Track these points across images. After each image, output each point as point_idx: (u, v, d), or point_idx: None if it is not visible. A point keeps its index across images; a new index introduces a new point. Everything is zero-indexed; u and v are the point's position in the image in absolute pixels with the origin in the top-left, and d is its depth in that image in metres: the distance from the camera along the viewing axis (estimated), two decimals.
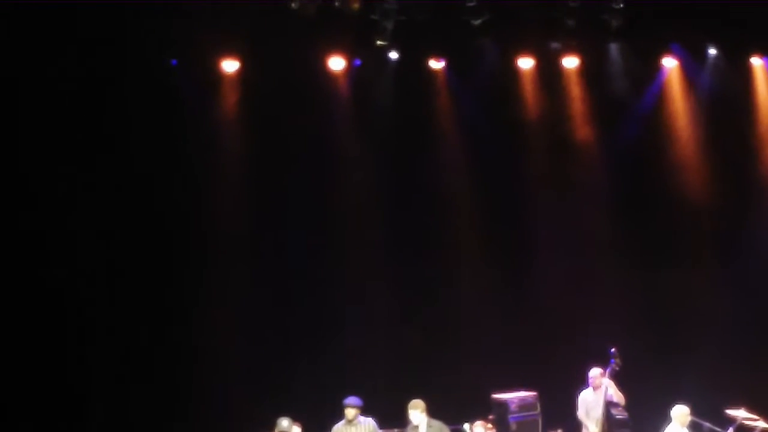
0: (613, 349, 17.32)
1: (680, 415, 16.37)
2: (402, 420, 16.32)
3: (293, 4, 17.35)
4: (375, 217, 19.22)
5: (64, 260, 17.82)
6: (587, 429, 17.68)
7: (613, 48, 19.45)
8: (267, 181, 18.82)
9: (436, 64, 19.35)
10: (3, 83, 17.30)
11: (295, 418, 15.83)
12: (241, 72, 18.56)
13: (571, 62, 19.54)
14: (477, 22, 18.24)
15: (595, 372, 17.58)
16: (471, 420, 16.68)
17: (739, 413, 16.61)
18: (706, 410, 16.80)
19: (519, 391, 17.93)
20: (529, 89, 19.67)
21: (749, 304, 19.45)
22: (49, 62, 17.33)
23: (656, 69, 19.89)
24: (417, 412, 15.94)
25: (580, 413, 17.77)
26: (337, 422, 16.07)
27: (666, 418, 16.52)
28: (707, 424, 16.68)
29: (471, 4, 18.05)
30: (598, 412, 17.36)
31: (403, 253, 19.31)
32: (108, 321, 18.12)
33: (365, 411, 16.10)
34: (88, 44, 17.47)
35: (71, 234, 17.87)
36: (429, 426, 15.96)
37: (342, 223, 19.16)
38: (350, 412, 15.95)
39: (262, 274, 18.70)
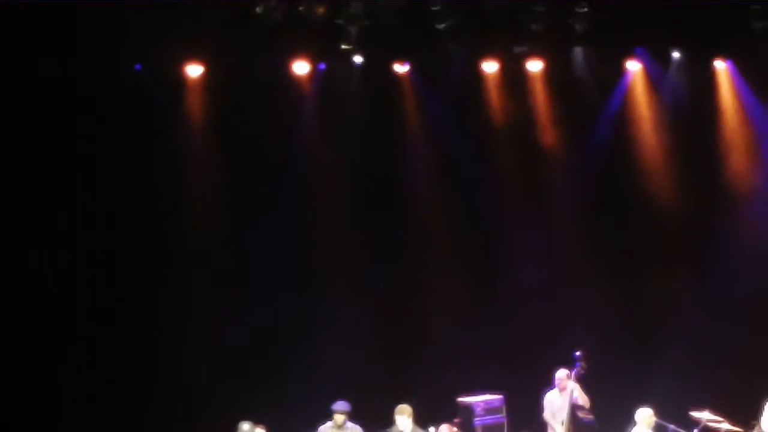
0: (578, 353, 17.38)
1: (645, 417, 16.41)
2: (375, 423, 16.32)
3: (258, 9, 17.32)
4: (344, 221, 19.20)
5: (43, 262, 17.80)
6: (553, 430, 17.73)
7: (578, 52, 19.50)
8: (238, 185, 18.77)
9: (401, 68, 19.35)
10: None
11: (267, 422, 15.84)
12: (206, 76, 18.48)
13: (535, 66, 19.58)
14: (442, 26, 18.25)
15: (561, 373, 17.63)
16: (436, 424, 16.66)
17: (704, 415, 16.69)
18: (671, 412, 16.85)
19: (485, 394, 17.98)
20: (494, 93, 19.70)
21: (714, 307, 19.52)
22: (13, 63, 17.24)
23: (620, 72, 19.96)
24: (404, 418, 16.03)
25: (546, 415, 17.81)
26: (322, 424, 16.11)
27: (631, 421, 16.57)
28: (672, 426, 16.73)
29: (436, 8, 18.06)
30: (564, 414, 17.40)
31: (374, 258, 19.29)
32: (93, 323, 18.08)
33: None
34: (51, 48, 17.37)
35: (50, 235, 17.83)
36: None
37: (313, 227, 19.14)
38: (339, 418, 15.97)
39: (233, 279, 18.66)
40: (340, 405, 16.01)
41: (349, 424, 16.00)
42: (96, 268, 18.19)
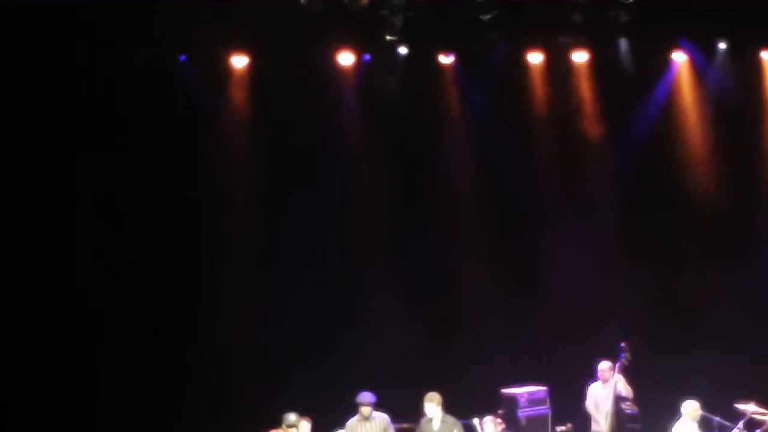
0: (623, 344, 17.37)
1: (691, 409, 16.36)
2: (412, 415, 16.34)
3: (302, 0, 17.37)
4: (384, 212, 19.22)
5: (70, 260, 17.78)
6: (596, 422, 17.71)
7: (623, 43, 19.43)
8: (276, 178, 18.80)
9: (446, 59, 19.35)
10: (8, 82, 17.29)
11: (304, 414, 15.85)
12: (251, 67, 18.54)
13: (580, 57, 19.53)
14: (486, 17, 18.24)
15: (604, 365, 17.62)
16: (480, 415, 16.65)
17: (749, 407, 16.63)
18: (716, 405, 16.80)
19: (529, 385, 17.97)
20: (538, 84, 19.68)
21: (758, 299, 19.43)
22: (58, 61, 17.29)
23: (666, 64, 19.88)
24: (432, 405, 15.94)
25: (589, 405, 17.80)
26: (350, 417, 16.06)
27: (676, 413, 16.51)
28: (717, 419, 16.69)
29: (480, 0, 18.06)
30: (608, 405, 17.39)
31: (413, 250, 19.31)
32: (115, 320, 18.09)
33: (377, 406, 16.10)
34: (96, 42, 17.44)
35: (79, 233, 17.86)
36: (443, 421, 15.96)
37: (351, 220, 19.17)
38: (366, 410, 15.92)
39: (270, 272, 18.69)
40: (366, 397, 15.98)
41: (375, 414, 15.98)
42: (130, 264, 18.22)
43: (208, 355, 18.32)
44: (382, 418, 16.00)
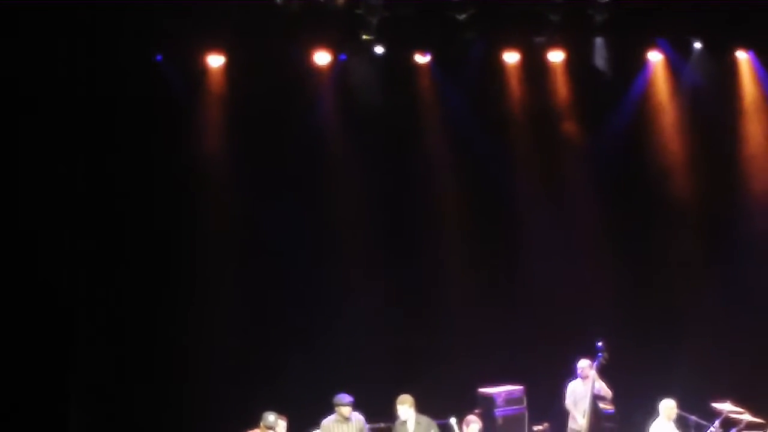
0: (600, 343, 17.39)
1: (667, 408, 16.39)
2: (389, 415, 16.31)
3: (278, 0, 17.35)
4: (363, 212, 19.20)
5: (56, 260, 17.73)
6: (574, 419, 17.74)
7: (599, 42, 19.45)
8: (254, 177, 18.77)
9: (422, 59, 19.34)
10: None
11: (282, 413, 15.80)
12: (227, 67, 18.51)
13: (556, 56, 19.55)
14: (462, 16, 18.24)
15: (583, 363, 17.67)
16: (458, 414, 16.63)
17: (725, 406, 16.68)
18: (693, 404, 16.85)
19: (505, 385, 17.98)
20: (514, 83, 19.67)
21: (735, 299, 19.46)
22: (32, 60, 17.23)
23: (642, 63, 19.90)
24: (405, 407, 15.86)
25: (568, 402, 17.83)
26: (326, 417, 16.03)
27: (653, 412, 16.55)
28: (693, 418, 16.75)
29: None
30: (586, 403, 17.41)
31: (391, 250, 19.30)
32: (101, 320, 18.08)
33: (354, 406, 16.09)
34: (72, 41, 17.39)
35: (59, 232, 17.80)
36: (417, 422, 15.90)
37: (330, 220, 19.13)
38: (346, 410, 15.82)
39: (248, 272, 18.67)
40: (345, 398, 15.91)
41: (352, 415, 15.94)
42: (111, 264, 18.19)
43: (186, 355, 18.29)
44: (357, 418, 15.95)
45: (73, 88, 17.62)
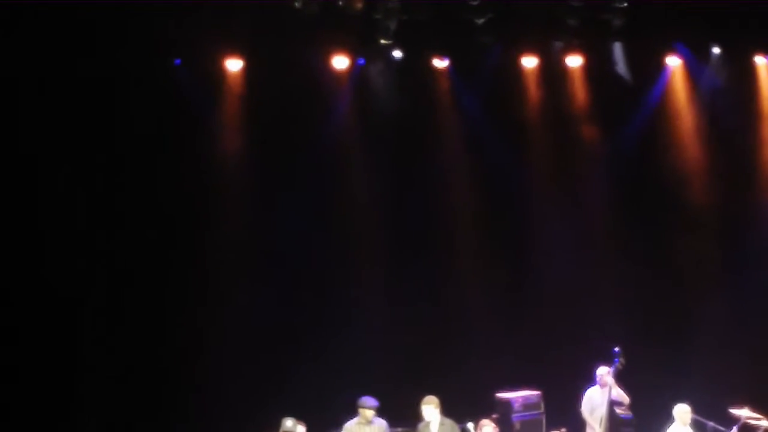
0: (617, 349, 17.35)
1: (681, 413, 16.40)
2: (407, 419, 16.31)
3: (296, 3, 17.35)
4: (378, 216, 19.20)
5: (66, 261, 17.78)
6: (591, 427, 17.70)
7: (617, 47, 19.43)
8: (270, 181, 18.80)
9: (440, 63, 19.34)
10: (3, 84, 17.27)
11: (300, 418, 15.82)
12: (245, 71, 18.54)
13: (574, 61, 19.53)
14: (480, 21, 18.24)
15: (602, 370, 17.61)
16: (475, 419, 16.63)
17: (743, 412, 16.65)
18: (710, 409, 16.82)
19: (523, 390, 17.96)
20: (532, 88, 19.67)
21: (753, 303, 19.44)
22: (52, 63, 17.30)
23: (660, 68, 19.88)
24: (431, 408, 15.89)
25: (584, 410, 17.78)
26: (346, 420, 16.02)
27: (669, 418, 16.52)
28: (711, 423, 16.71)
29: (474, 3, 18.04)
30: (603, 410, 17.38)
31: (407, 253, 19.28)
32: (110, 322, 18.11)
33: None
34: (90, 44, 17.44)
35: (74, 234, 17.85)
36: (441, 424, 15.93)
37: (345, 223, 19.15)
38: (369, 414, 15.82)
39: (265, 275, 18.67)
40: (369, 401, 15.92)
41: (375, 419, 15.93)
42: (121, 265, 18.24)
43: (202, 357, 18.30)
44: (380, 423, 15.95)
45: (90, 92, 17.66)
